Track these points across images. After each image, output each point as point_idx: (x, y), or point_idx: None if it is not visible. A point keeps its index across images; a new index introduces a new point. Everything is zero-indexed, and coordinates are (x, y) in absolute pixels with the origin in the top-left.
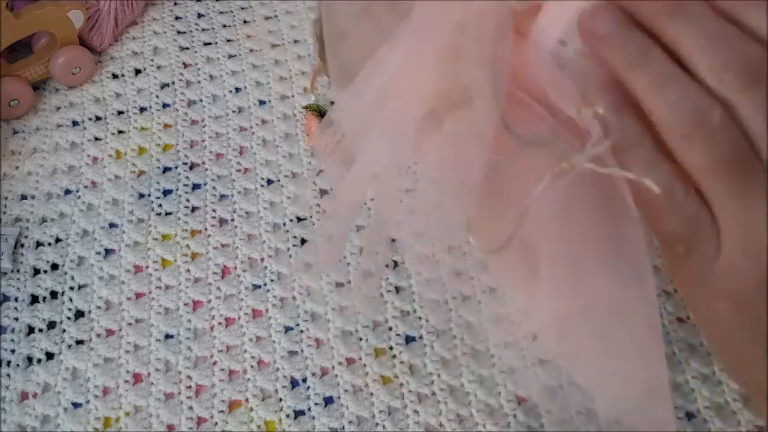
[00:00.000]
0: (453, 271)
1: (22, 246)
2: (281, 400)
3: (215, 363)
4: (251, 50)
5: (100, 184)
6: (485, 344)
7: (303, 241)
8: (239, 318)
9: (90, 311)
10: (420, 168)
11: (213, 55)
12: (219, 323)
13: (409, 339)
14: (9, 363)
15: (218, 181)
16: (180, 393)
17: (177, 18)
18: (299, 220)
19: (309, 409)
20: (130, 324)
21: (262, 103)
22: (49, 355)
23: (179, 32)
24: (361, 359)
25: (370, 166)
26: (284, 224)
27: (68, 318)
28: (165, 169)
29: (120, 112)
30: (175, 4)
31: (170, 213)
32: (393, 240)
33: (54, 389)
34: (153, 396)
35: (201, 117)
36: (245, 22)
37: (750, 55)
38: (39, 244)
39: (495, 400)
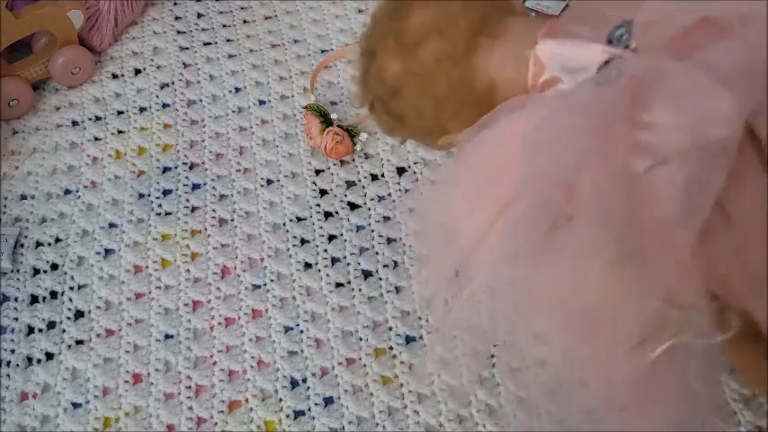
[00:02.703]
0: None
1: (22, 246)
2: (281, 400)
3: (215, 363)
4: (251, 50)
5: (100, 184)
6: (485, 344)
7: (303, 241)
8: (239, 318)
9: (90, 311)
10: None
11: (213, 55)
12: (219, 323)
13: (409, 339)
14: (9, 363)
15: (218, 181)
16: (180, 393)
17: (177, 18)
18: (299, 220)
19: (309, 410)
20: (130, 324)
21: (262, 103)
22: (49, 356)
23: (179, 32)
24: (361, 359)
25: None
26: (284, 224)
27: (68, 318)
28: (165, 169)
29: (119, 112)
30: (175, 4)
31: (170, 213)
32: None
33: (54, 389)
34: (153, 396)
35: (201, 117)
36: (244, 22)
37: None
38: (38, 244)
39: (495, 400)
